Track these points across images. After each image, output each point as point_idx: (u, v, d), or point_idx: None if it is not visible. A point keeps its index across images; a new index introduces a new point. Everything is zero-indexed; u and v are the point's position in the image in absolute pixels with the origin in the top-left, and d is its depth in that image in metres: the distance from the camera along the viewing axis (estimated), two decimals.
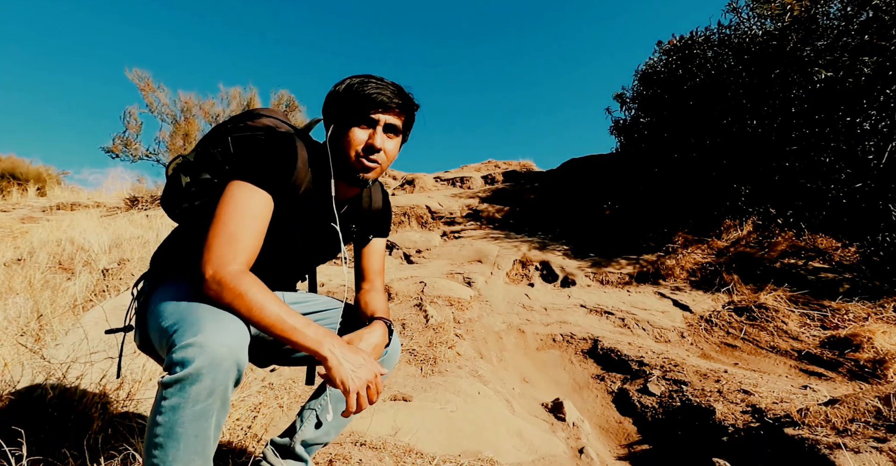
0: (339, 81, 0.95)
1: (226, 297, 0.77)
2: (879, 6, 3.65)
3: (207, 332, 0.72)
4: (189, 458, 0.74)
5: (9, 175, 8.72)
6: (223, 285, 0.78)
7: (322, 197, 0.99)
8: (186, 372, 0.69)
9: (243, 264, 0.82)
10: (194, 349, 0.70)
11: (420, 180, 7.50)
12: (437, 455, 1.45)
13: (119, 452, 1.17)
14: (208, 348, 0.70)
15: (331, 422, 1.09)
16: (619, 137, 6.03)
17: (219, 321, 0.75)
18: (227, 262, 0.80)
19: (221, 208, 0.84)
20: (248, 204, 0.85)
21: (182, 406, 0.71)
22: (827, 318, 2.86)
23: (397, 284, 3.40)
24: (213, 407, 0.73)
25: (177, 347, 0.71)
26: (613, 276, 3.87)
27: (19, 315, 2.32)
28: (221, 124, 1.03)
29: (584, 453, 1.74)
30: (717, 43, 4.64)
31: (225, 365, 0.72)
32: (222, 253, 0.80)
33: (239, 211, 0.84)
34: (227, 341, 0.73)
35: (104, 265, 3.59)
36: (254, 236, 0.85)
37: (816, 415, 1.59)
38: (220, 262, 0.79)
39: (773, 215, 4.14)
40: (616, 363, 2.52)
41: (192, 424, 0.72)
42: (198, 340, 0.71)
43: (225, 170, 0.95)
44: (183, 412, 0.71)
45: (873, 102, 3.68)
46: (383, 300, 1.11)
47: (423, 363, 2.28)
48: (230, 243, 0.81)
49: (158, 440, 0.72)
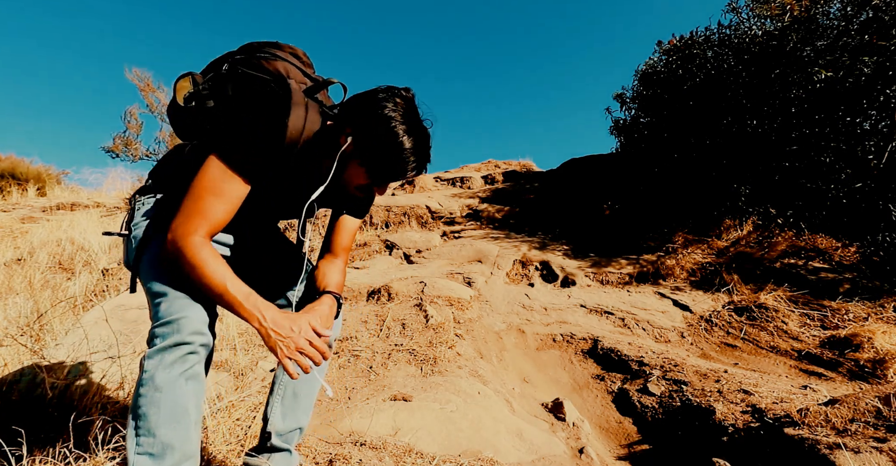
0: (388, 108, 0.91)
1: (182, 264, 0.86)
2: (879, 6, 3.65)
3: (183, 312, 0.85)
4: (171, 424, 0.82)
5: (9, 175, 8.72)
6: (181, 253, 0.86)
7: (310, 172, 1.03)
8: (165, 343, 0.83)
9: (205, 236, 0.89)
10: (172, 325, 0.84)
11: (420, 179, 7.50)
12: (437, 455, 1.45)
13: (119, 452, 1.17)
14: (183, 328, 0.84)
15: (295, 405, 1.14)
16: (619, 137, 6.03)
17: (192, 306, 0.87)
18: (189, 232, 0.87)
19: (197, 182, 0.89)
20: (224, 187, 0.90)
21: (160, 373, 0.82)
22: (827, 318, 2.86)
23: (397, 284, 3.40)
24: (186, 374, 0.84)
25: (158, 323, 0.85)
26: (613, 276, 3.87)
27: (19, 315, 2.32)
28: (238, 51, 1.04)
29: (584, 453, 1.74)
30: (717, 43, 4.64)
31: (198, 341, 0.85)
32: (188, 224, 0.87)
33: (213, 191, 0.89)
34: (197, 325, 0.86)
35: (104, 265, 3.59)
36: (222, 214, 0.91)
37: (816, 415, 1.59)
38: (183, 232, 0.87)
39: (773, 215, 4.14)
40: (616, 363, 2.52)
41: (171, 389, 0.82)
42: (174, 318, 0.84)
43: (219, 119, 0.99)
44: (161, 377, 0.82)
45: (873, 102, 3.68)
46: (340, 275, 1.14)
47: (423, 363, 2.28)
48: (198, 217, 0.88)
49: (141, 410, 0.82)
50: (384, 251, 4.84)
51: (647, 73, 5.36)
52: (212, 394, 1.66)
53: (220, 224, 0.91)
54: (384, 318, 2.82)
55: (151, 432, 0.82)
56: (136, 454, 0.82)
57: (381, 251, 4.84)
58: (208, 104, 1.00)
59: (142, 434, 0.82)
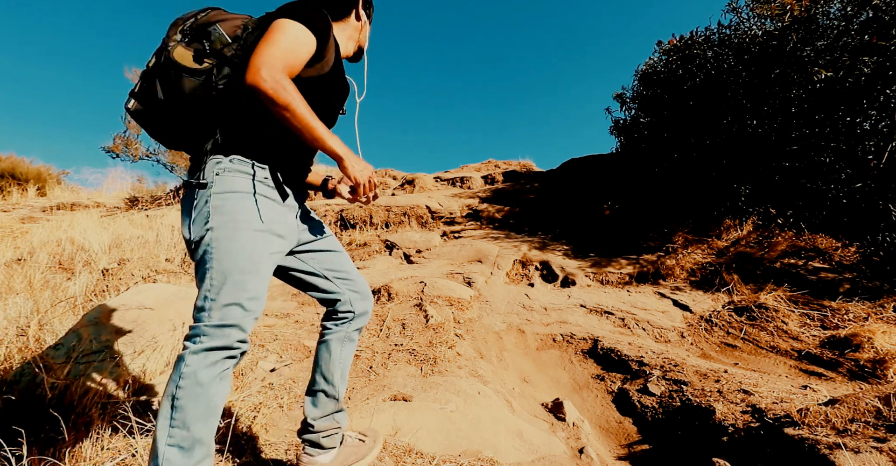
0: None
1: (281, 99, 0.86)
2: (879, 6, 3.65)
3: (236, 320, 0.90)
4: (205, 420, 0.87)
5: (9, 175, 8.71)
6: (280, 88, 0.86)
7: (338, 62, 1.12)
8: (213, 344, 0.88)
9: (287, 75, 0.90)
10: (224, 330, 0.89)
11: (420, 179, 7.50)
12: (437, 455, 1.45)
13: (120, 452, 1.17)
14: (233, 336, 0.90)
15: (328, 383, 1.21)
16: (619, 137, 6.03)
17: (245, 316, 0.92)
18: (280, 68, 0.88)
19: (273, 32, 0.91)
20: (299, 37, 0.93)
21: (203, 370, 0.86)
22: (827, 318, 2.86)
23: (397, 284, 3.40)
24: (222, 375, 0.90)
25: (213, 324, 0.89)
26: (613, 276, 3.86)
27: (19, 315, 2.32)
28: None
29: (584, 453, 1.74)
30: (717, 43, 4.64)
31: (241, 348, 0.92)
32: (277, 61, 0.88)
33: (291, 38, 0.92)
34: (244, 335, 0.92)
35: (104, 265, 3.59)
36: (298, 62, 0.94)
37: (816, 415, 1.59)
38: (276, 67, 0.87)
39: (773, 215, 4.14)
40: (616, 363, 2.52)
41: (209, 387, 0.87)
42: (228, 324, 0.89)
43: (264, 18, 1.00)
44: (204, 374, 0.86)
45: (873, 102, 3.68)
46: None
47: (423, 363, 2.28)
48: (284, 57, 0.90)
49: (179, 403, 0.85)
50: (384, 251, 4.84)
51: (647, 73, 5.36)
52: None
53: (295, 70, 0.94)
54: (384, 318, 2.82)
55: (186, 425, 0.85)
56: (166, 445, 0.84)
57: (381, 251, 4.84)
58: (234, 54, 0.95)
59: (176, 426, 0.84)
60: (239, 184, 0.95)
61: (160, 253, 4.07)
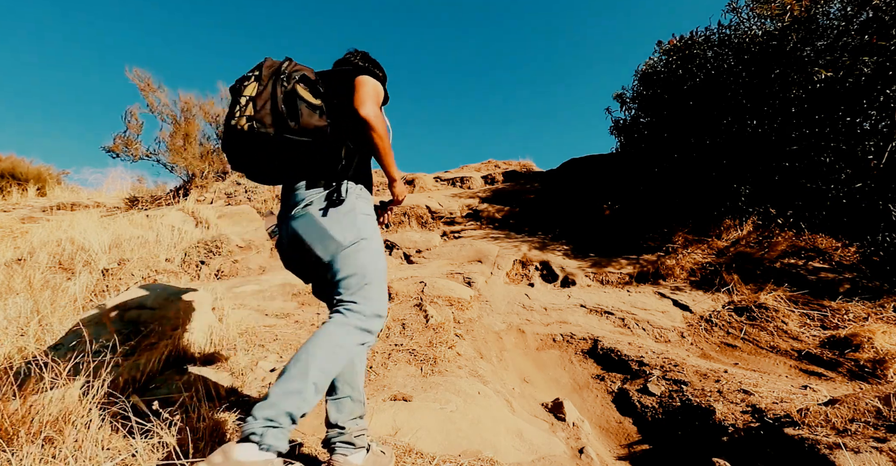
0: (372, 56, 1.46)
1: (378, 129, 1.21)
2: (879, 6, 3.66)
3: (384, 308, 1.20)
4: (359, 383, 1.25)
5: (9, 175, 8.71)
6: (378, 123, 1.21)
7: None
8: (370, 327, 1.15)
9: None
10: (381, 320, 1.19)
11: (420, 179, 7.50)
12: (437, 455, 1.45)
13: (120, 452, 1.17)
14: (379, 327, 1.19)
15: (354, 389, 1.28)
16: (619, 137, 6.03)
17: (384, 299, 1.21)
18: (377, 110, 1.22)
19: (365, 83, 1.25)
20: (377, 85, 1.28)
21: (363, 348, 1.16)
22: (827, 318, 2.86)
23: (397, 284, 3.40)
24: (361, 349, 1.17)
25: (376, 314, 1.16)
26: (613, 276, 3.86)
27: (19, 315, 2.32)
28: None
29: (584, 453, 1.74)
30: (717, 43, 4.64)
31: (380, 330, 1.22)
32: (375, 106, 1.22)
33: (377, 87, 1.28)
34: (385, 316, 1.21)
35: (104, 265, 3.59)
36: (380, 101, 1.28)
37: (816, 415, 1.59)
38: (374, 110, 1.21)
39: (773, 215, 4.14)
40: (616, 363, 2.52)
41: (361, 357, 1.26)
42: (383, 315, 1.19)
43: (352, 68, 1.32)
44: (361, 349, 1.15)
45: (873, 102, 3.68)
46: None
47: (423, 363, 2.28)
48: (377, 102, 1.25)
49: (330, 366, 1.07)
50: (384, 251, 4.84)
51: (647, 73, 5.36)
52: (211, 394, 1.66)
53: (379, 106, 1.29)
54: None
55: (357, 388, 1.22)
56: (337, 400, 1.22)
57: None
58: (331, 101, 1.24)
59: (344, 388, 1.21)
60: (366, 206, 1.27)
61: (160, 253, 4.08)
